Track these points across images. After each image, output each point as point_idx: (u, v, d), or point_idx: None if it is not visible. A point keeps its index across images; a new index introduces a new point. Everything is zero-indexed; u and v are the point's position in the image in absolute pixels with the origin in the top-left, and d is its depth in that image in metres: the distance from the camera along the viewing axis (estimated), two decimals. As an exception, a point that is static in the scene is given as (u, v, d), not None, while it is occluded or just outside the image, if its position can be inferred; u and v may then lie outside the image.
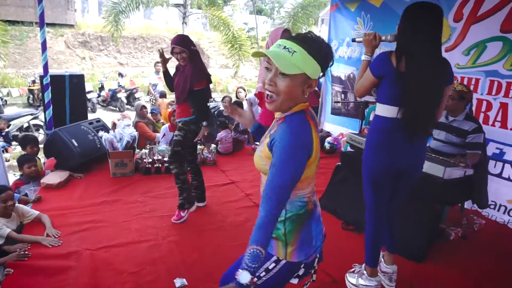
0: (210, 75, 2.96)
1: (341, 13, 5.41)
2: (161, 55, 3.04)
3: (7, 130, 6.67)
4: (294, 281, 1.31)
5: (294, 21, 9.92)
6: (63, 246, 2.51)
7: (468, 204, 3.36)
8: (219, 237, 2.77)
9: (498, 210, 3.45)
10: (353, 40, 2.24)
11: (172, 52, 2.81)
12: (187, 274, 2.28)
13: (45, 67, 4.26)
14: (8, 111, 9.14)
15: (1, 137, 6.42)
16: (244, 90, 7.50)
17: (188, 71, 2.79)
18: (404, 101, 1.78)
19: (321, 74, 1.15)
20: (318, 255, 1.31)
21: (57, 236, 2.62)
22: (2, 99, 10.00)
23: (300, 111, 1.17)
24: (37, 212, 2.82)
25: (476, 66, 3.58)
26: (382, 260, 2.32)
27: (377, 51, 2.05)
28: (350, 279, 2.24)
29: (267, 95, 1.14)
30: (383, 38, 1.98)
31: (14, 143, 6.61)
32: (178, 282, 2.19)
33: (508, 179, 3.39)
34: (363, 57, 2.01)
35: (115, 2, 9.70)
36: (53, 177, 3.57)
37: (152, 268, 2.34)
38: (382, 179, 1.97)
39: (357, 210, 2.99)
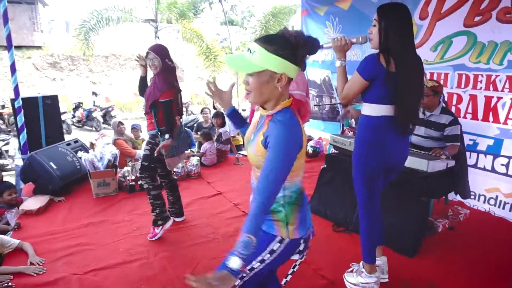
0: (179, 89, 2.89)
1: (311, 18, 5.54)
2: (141, 58, 2.91)
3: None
4: (295, 256, 1.41)
5: (266, 29, 10.06)
6: (49, 273, 2.39)
7: (451, 195, 3.46)
8: (213, 249, 2.73)
9: (478, 200, 3.57)
10: (321, 47, 2.24)
11: (145, 57, 2.78)
12: (183, 290, 2.23)
13: (16, 90, 4.13)
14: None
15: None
16: None
17: (157, 81, 2.73)
18: (396, 100, 1.87)
19: (296, 67, 1.23)
20: (312, 231, 1.44)
21: (41, 264, 2.50)
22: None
23: (286, 108, 1.26)
24: (17, 241, 2.68)
25: (444, 61, 3.73)
26: None
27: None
28: (349, 278, 2.24)
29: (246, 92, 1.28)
30: (354, 40, 2.00)
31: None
32: (174, 299, 2.14)
33: (483, 168, 3.52)
34: (338, 63, 2.02)
35: (84, 20, 9.56)
36: (32, 203, 3.42)
37: (146, 287, 2.27)
38: (375, 175, 2.02)
39: (346, 210, 3.03)
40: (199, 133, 5.63)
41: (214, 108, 6.85)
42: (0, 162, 6.85)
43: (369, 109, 1.96)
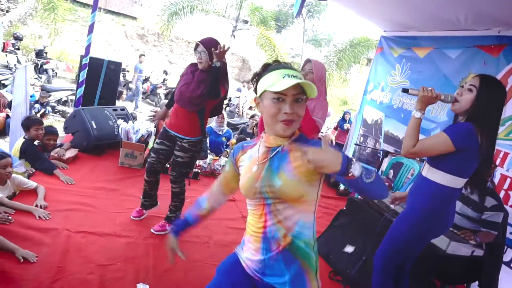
0: (226, 89, 2.75)
1: (384, 57, 5.30)
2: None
3: (46, 100, 7.04)
4: None
5: (340, 56, 9.85)
6: (46, 221, 2.51)
7: (474, 286, 3.04)
8: (200, 252, 2.67)
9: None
10: (404, 91, 1.96)
11: (194, 50, 2.63)
12: (154, 281, 2.20)
13: (88, 49, 4.46)
14: (55, 83, 9.69)
15: (42, 107, 6.82)
16: None
17: (206, 76, 2.56)
18: (476, 174, 1.79)
19: None
20: None
21: (44, 208, 2.63)
22: (53, 71, 10.64)
23: (300, 134, 1.25)
24: (35, 184, 2.87)
25: (508, 139, 3.31)
26: None
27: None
28: None
29: (288, 120, 1.15)
30: (442, 97, 1.83)
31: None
32: (140, 287, 2.12)
33: (517, 270, 3.04)
34: (417, 114, 1.83)
35: (171, 3, 10.16)
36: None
37: (122, 266, 2.28)
38: (422, 245, 1.93)
39: (351, 260, 2.80)
40: (236, 136, 5.68)
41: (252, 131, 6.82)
42: (62, 109, 7.51)
43: (445, 179, 1.79)
